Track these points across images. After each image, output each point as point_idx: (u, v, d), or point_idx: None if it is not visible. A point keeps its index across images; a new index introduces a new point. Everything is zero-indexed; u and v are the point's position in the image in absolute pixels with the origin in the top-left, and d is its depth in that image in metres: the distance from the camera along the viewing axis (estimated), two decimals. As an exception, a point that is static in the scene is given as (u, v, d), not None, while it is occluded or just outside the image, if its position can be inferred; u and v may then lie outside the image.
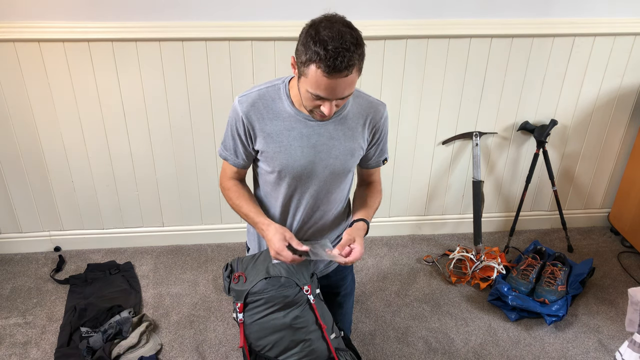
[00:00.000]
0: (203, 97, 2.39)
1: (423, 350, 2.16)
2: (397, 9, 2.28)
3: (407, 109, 2.52)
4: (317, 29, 1.22)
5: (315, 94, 1.27)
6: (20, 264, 2.61)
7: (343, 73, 1.22)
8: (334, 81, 1.23)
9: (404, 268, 2.64)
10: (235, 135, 1.47)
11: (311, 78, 1.25)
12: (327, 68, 1.20)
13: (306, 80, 1.27)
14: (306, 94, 1.30)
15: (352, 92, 1.31)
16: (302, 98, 1.34)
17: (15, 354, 2.11)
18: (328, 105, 1.30)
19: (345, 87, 1.26)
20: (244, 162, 1.52)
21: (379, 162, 1.60)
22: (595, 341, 2.22)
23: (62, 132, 2.41)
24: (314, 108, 1.35)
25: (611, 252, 2.77)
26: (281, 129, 1.43)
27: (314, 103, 1.32)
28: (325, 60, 1.19)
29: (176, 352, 2.14)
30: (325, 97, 1.27)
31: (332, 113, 1.31)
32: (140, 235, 2.73)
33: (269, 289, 1.48)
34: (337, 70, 1.21)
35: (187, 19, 2.21)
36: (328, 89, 1.25)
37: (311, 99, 1.30)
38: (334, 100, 1.30)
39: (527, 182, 2.66)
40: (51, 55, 2.23)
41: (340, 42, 1.19)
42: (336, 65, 1.20)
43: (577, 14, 2.38)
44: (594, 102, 2.61)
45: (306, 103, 1.34)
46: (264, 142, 1.44)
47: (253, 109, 1.42)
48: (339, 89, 1.25)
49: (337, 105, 1.33)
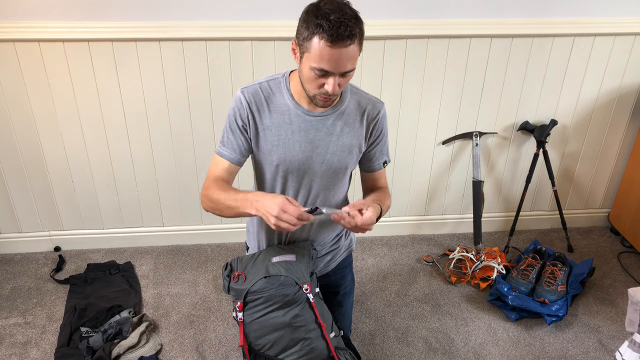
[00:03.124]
0: (203, 97, 2.39)
1: (423, 350, 2.16)
2: (397, 9, 2.28)
3: (407, 109, 2.52)
4: (317, 5, 1.27)
5: (319, 67, 1.28)
6: (20, 264, 2.61)
7: (346, 42, 1.24)
8: (337, 51, 1.25)
9: (404, 268, 2.64)
10: (234, 127, 1.45)
11: (314, 51, 1.26)
12: (330, 37, 1.23)
13: (309, 56, 1.28)
14: (309, 73, 1.31)
15: (354, 69, 1.32)
16: (305, 81, 1.34)
17: (15, 354, 2.11)
18: (332, 81, 1.30)
19: (348, 59, 1.27)
20: (239, 157, 1.47)
21: (381, 165, 1.60)
22: (595, 341, 2.22)
23: (62, 132, 2.41)
24: (317, 91, 1.34)
25: (611, 252, 2.76)
26: (280, 122, 1.44)
27: (317, 82, 1.32)
28: (329, 30, 1.22)
29: (176, 352, 2.14)
30: (329, 69, 1.28)
31: (336, 90, 1.31)
32: (140, 235, 2.73)
33: (269, 288, 1.48)
34: (340, 39, 1.23)
35: (187, 19, 2.22)
36: (331, 60, 1.26)
37: (314, 77, 1.31)
38: (337, 76, 1.30)
39: (527, 182, 2.66)
40: (51, 55, 2.23)
41: (341, 13, 1.23)
42: (339, 33, 1.22)
43: (577, 14, 2.38)
44: (594, 102, 2.61)
45: (309, 85, 1.34)
46: (263, 134, 1.45)
47: (254, 99, 1.43)
48: (342, 60, 1.27)
49: (340, 85, 1.32)
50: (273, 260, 1.52)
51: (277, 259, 1.52)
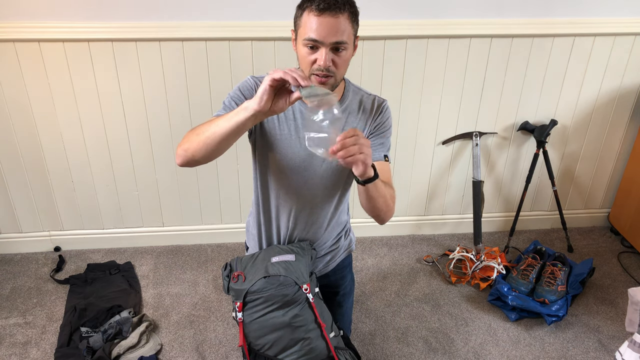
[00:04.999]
0: (203, 97, 2.39)
1: (423, 350, 2.16)
2: (397, 9, 2.28)
3: (407, 109, 2.52)
4: None
5: (308, 37, 1.29)
6: (20, 264, 2.61)
7: (333, 12, 1.26)
8: (325, 20, 1.27)
9: (404, 268, 2.64)
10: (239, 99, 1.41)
11: (304, 24, 1.30)
12: (317, 7, 1.27)
13: (301, 32, 1.31)
14: (302, 51, 1.32)
15: (346, 44, 1.31)
16: (300, 63, 1.35)
17: (15, 354, 2.11)
18: (323, 53, 1.30)
19: (337, 30, 1.28)
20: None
21: (382, 156, 1.52)
22: (595, 341, 2.22)
23: (62, 132, 2.41)
24: (311, 69, 1.33)
25: (611, 252, 2.76)
26: (283, 117, 1.44)
27: (310, 58, 1.32)
28: (317, 1, 1.27)
29: (176, 352, 2.14)
30: (318, 38, 1.28)
31: (327, 63, 1.30)
32: (140, 235, 2.73)
33: (268, 288, 1.48)
34: (327, 8, 1.26)
35: (187, 19, 2.22)
36: (319, 29, 1.27)
37: (307, 54, 1.32)
38: (328, 49, 1.30)
39: (527, 182, 2.66)
40: (51, 55, 2.23)
41: None
42: (326, 2, 1.26)
43: (577, 14, 2.38)
44: (594, 102, 2.61)
45: (304, 66, 1.34)
46: (266, 123, 1.44)
47: None
48: (330, 29, 1.27)
49: (334, 62, 1.32)
50: (272, 260, 1.52)
51: (276, 259, 1.52)
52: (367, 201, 1.39)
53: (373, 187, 1.34)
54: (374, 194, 1.36)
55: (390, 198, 1.44)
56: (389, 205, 1.43)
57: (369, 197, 1.37)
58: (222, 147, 1.30)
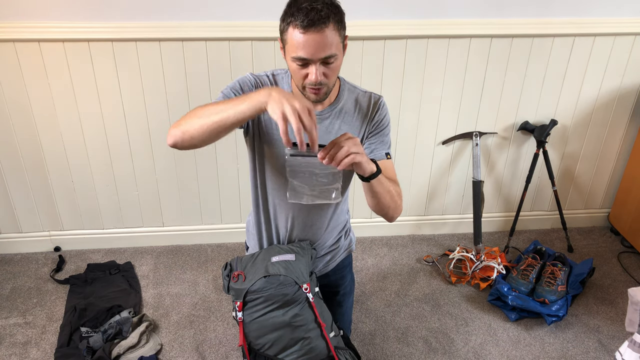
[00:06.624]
0: (203, 97, 2.39)
1: (423, 350, 2.16)
2: (397, 9, 2.28)
3: (407, 109, 2.52)
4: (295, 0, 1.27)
5: (297, 56, 1.27)
6: (20, 264, 2.61)
7: (318, 27, 1.23)
8: (311, 37, 1.24)
9: (404, 268, 2.64)
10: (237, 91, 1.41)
11: (290, 42, 1.27)
12: (301, 23, 1.23)
13: (289, 48, 1.29)
14: (292, 65, 1.31)
15: (336, 55, 1.29)
16: (292, 74, 1.34)
17: (15, 354, 2.11)
18: (314, 69, 1.28)
19: (325, 44, 1.25)
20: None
21: (383, 154, 1.51)
22: (595, 341, 2.22)
23: (62, 132, 2.41)
24: (304, 84, 1.33)
25: (611, 252, 2.76)
26: None
27: (301, 73, 1.31)
28: (300, 17, 1.22)
29: (176, 352, 2.14)
30: (307, 56, 1.26)
31: (318, 79, 1.29)
32: (140, 235, 2.73)
33: (268, 288, 1.48)
34: (311, 24, 1.22)
35: (187, 19, 2.22)
36: (307, 47, 1.25)
37: (298, 68, 1.30)
38: (318, 64, 1.28)
39: (527, 182, 2.66)
40: (51, 55, 2.23)
41: (312, 1, 1.23)
42: (310, 18, 1.22)
43: (577, 14, 2.38)
44: (594, 102, 2.61)
45: (296, 79, 1.34)
46: (263, 119, 1.44)
47: (262, 85, 1.43)
48: (318, 46, 1.25)
49: (326, 74, 1.31)
50: (272, 259, 1.52)
51: (276, 259, 1.52)
52: (373, 198, 1.40)
53: (377, 183, 1.35)
54: (379, 189, 1.37)
55: (397, 194, 1.44)
56: (395, 201, 1.43)
57: (374, 193, 1.38)
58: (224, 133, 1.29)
